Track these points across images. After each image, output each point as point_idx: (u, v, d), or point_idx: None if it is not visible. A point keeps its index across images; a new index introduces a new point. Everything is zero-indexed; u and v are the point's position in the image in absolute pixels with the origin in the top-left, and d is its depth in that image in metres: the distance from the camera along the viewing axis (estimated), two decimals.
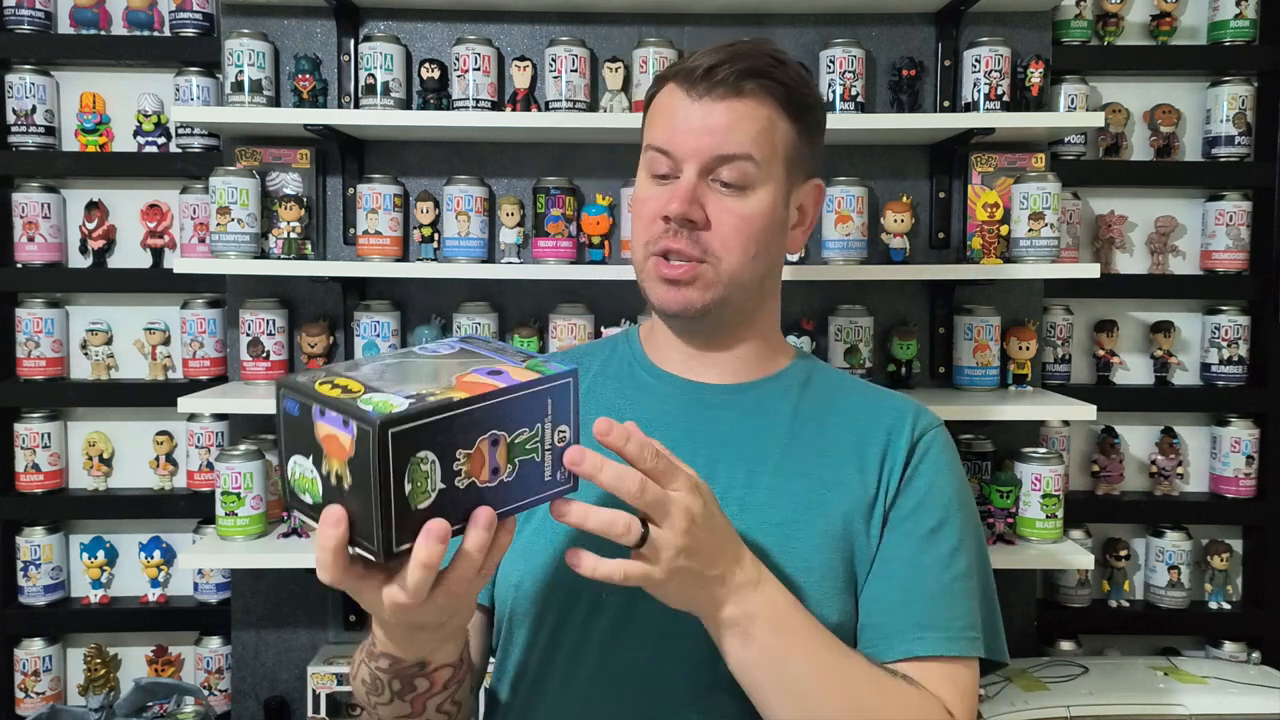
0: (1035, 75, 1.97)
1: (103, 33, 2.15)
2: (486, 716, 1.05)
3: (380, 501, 0.63)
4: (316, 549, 0.67)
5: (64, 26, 2.17)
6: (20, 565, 2.16)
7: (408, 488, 0.64)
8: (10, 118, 2.14)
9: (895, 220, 1.99)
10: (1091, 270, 1.89)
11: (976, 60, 1.96)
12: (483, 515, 0.68)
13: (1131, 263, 2.30)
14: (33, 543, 2.16)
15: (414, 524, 0.65)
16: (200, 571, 2.17)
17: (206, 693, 2.14)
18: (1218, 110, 2.22)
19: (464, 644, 0.88)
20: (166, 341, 2.21)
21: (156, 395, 2.14)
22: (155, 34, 2.16)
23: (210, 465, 2.08)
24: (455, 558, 0.69)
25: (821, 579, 0.94)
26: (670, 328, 1.04)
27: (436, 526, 0.65)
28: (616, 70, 1.97)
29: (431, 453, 0.65)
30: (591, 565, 0.74)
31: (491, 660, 1.05)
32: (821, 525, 0.96)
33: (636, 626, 0.94)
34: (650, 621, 0.92)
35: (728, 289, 0.97)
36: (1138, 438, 2.31)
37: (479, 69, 1.94)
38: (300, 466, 0.68)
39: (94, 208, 2.18)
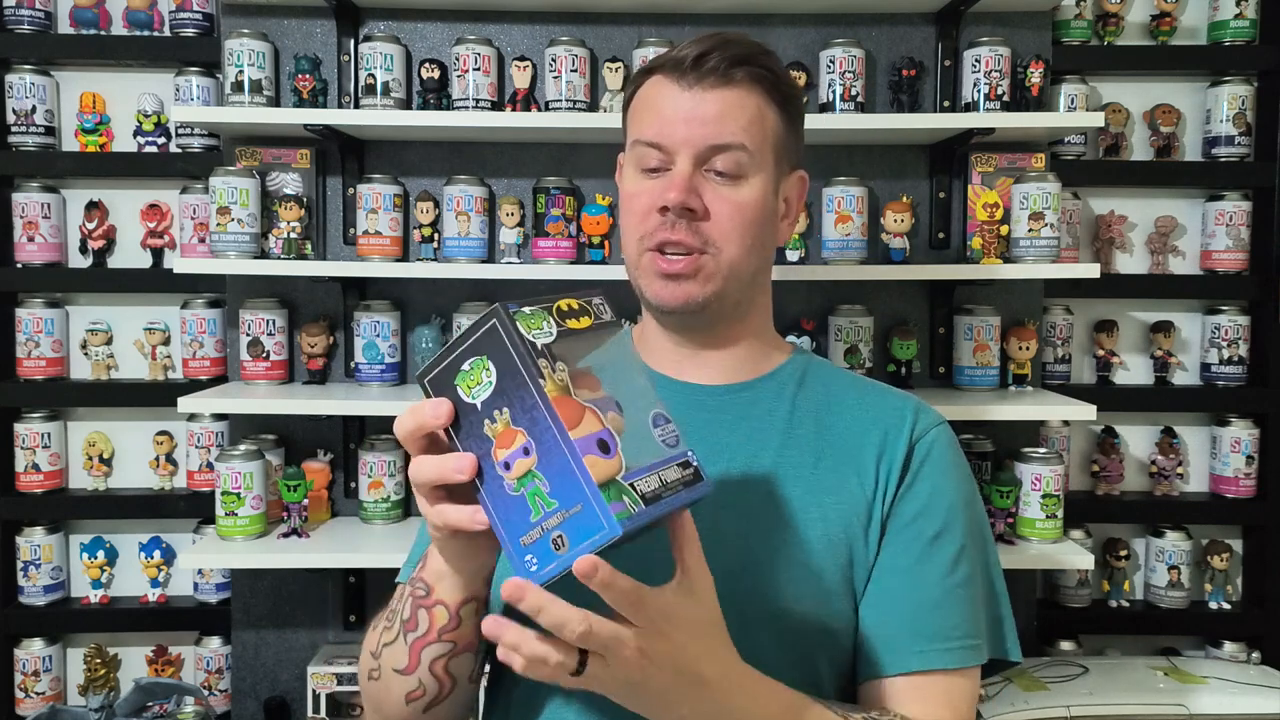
0: (1035, 75, 1.97)
1: (103, 33, 2.16)
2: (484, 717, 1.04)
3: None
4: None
5: (64, 26, 2.17)
6: (20, 565, 2.17)
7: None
8: (10, 118, 2.14)
9: (895, 220, 1.99)
10: (1091, 270, 1.89)
11: (976, 60, 1.96)
12: (462, 461, 0.72)
13: (1131, 263, 2.30)
14: (33, 543, 2.16)
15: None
16: (200, 571, 2.17)
17: (206, 693, 2.14)
18: (1218, 110, 2.22)
19: (464, 603, 0.84)
20: (166, 341, 2.21)
21: (156, 395, 2.14)
22: (155, 34, 2.16)
23: (210, 465, 2.08)
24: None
25: (818, 584, 0.93)
26: (664, 325, 1.02)
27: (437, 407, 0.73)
28: (616, 70, 1.97)
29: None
30: (513, 641, 0.70)
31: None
32: (819, 530, 0.94)
33: None
34: None
35: (726, 281, 0.95)
36: (1138, 438, 2.31)
37: (479, 69, 1.94)
38: (477, 372, 0.72)
39: (94, 208, 2.18)
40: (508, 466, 0.70)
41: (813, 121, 1.70)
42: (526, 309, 0.73)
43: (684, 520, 0.75)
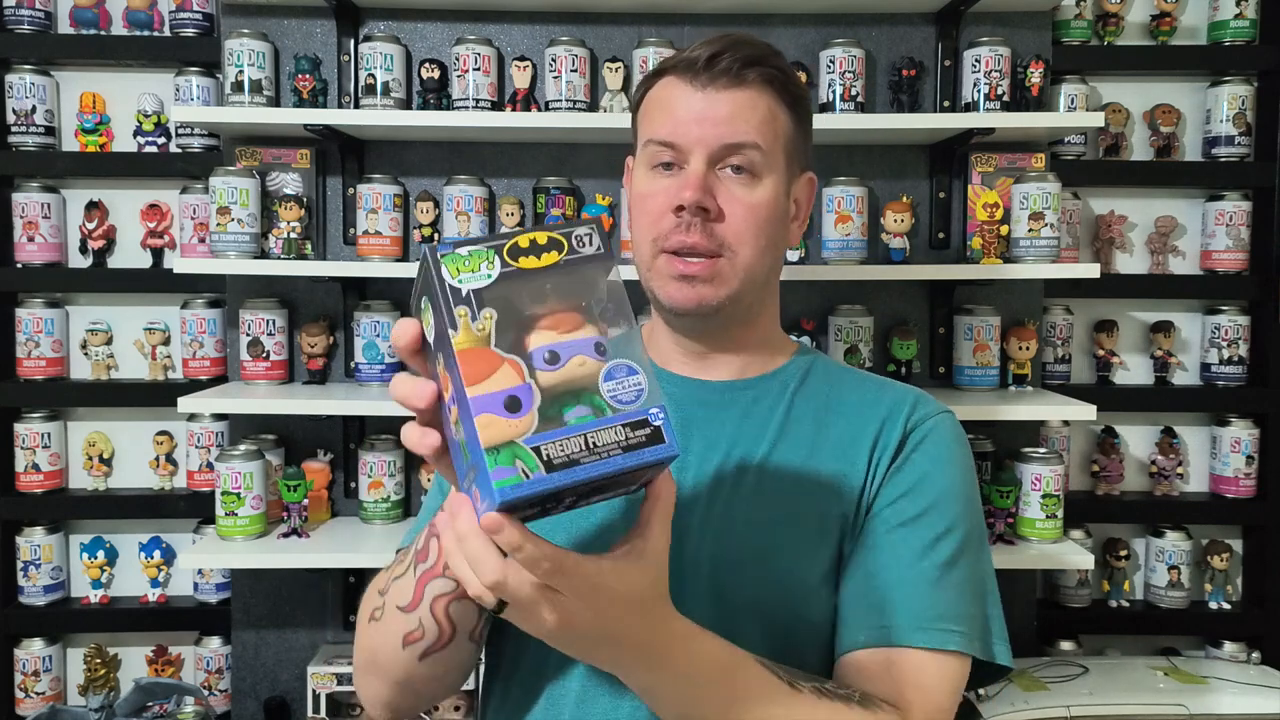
0: (1035, 75, 1.97)
1: (103, 33, 2.16)
2: (482, 711, 1.04)
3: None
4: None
5: (64, 26, 2.17)
6: (20, 565, 2.17)
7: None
8: (10, 118, 2.14)
9: (895, 220, 1.99)
10: (1091, 270, 1.89)
11: (976, 60, 1.96)
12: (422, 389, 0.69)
13: (1131, 263, 2.30)
14: (33, 543, 2.16)
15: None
16: (200, 571, 2.17)
17: (206, 693, 2.14)
18: (1218, 110, 2.22)
19: None
20: (166, 341, 2.21)
21: (156, 395, 2.14)
22: (155, 34, 2.16)
23: (210, 465, 2.08)
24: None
25: (807, 578, 0.93)
26: (675, 328, 1.02)
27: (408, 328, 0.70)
28: (616, 70, 1.97)
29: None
30: (448, 545, 0.68)
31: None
32: (810, 523, 0.94)
33: None
34: None
35: (741, 283, 0.95)
36: (1138, 438, 2.31)
37: (479, 69, 1.94)
38: (427, 312, 0.69)
39: (94, 208, 2.19)
40: (450, 410, 0.67)
41: (813, 121, 1.70)
42: (464, 250, 0.67)
43: (659, 484, 0.71)
